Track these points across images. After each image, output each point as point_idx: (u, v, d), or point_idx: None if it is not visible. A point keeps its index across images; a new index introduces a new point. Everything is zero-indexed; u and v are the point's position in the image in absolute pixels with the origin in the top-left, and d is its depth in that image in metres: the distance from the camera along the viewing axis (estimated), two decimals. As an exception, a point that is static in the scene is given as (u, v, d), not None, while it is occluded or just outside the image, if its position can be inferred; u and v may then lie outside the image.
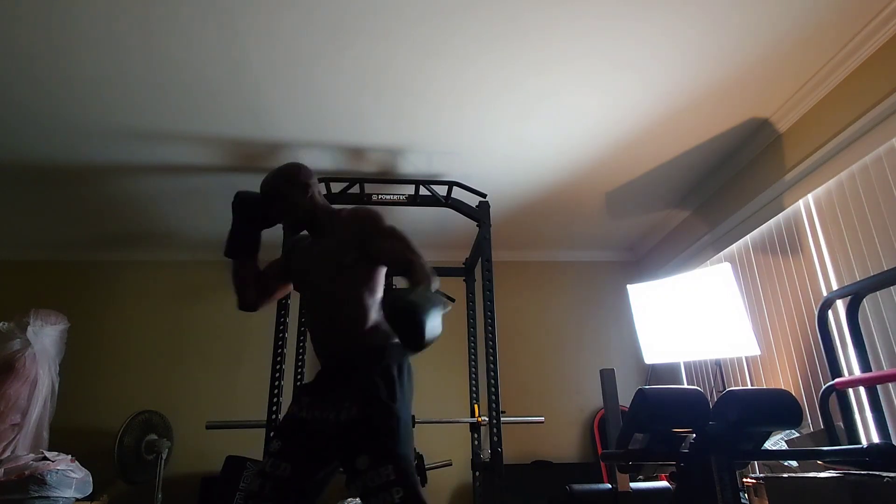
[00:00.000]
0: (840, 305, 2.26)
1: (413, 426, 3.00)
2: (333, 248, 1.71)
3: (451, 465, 3.31)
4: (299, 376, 2.93)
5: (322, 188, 2.95)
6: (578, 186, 3.35)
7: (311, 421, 1.58)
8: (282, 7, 1.96)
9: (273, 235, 2.07)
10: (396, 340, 1.65)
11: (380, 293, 1.71)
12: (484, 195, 3.01)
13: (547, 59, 2.25)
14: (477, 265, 3.29)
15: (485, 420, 2.93)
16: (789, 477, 1.77)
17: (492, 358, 2.77)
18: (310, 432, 1.56)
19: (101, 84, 2.34)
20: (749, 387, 2.95)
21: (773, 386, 2.77)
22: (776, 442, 2.29)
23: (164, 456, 3.23)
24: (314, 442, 1.55)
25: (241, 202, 1.78)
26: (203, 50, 2.16)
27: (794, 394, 2.04)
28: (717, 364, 2.98)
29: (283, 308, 2.82)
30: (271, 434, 1.61)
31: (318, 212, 1.79)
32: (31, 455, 2.77)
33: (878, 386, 1.95)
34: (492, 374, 2.74)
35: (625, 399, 2.27)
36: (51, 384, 3.22)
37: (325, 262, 1.71)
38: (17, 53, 2.15)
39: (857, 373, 2.05)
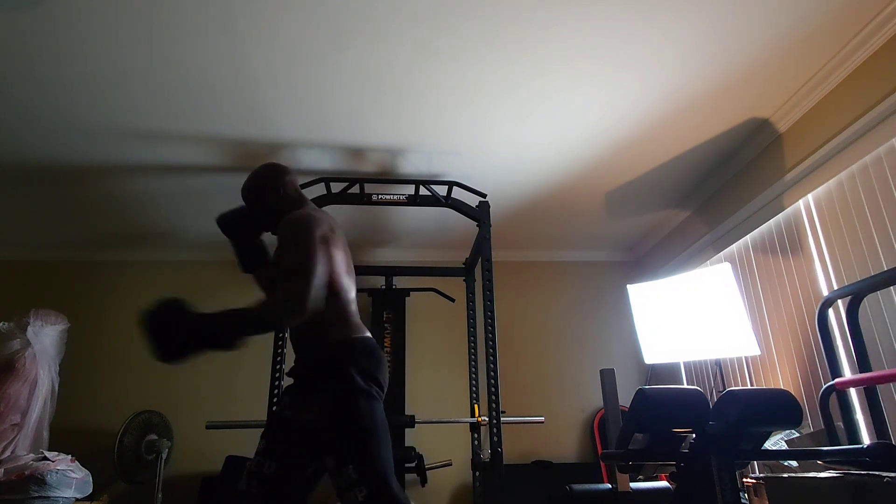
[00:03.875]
0: (840, 305, 2.26)
1: (413, 426, 3.03)
2: (275, 251, 1.73)
3: (451, 465, 3.32)
4: (299, 376, 2.93)
5: (320, 187, 2.95)
6: (578, 186, 3.35)
7: (291, 420, 1.60)
8: (282, 7, 1.96)
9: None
10: (358, 335, 1.65)
11: (343, 289, 1.69)
12: (484, 195, 3.01)
13: (547, 58, 2.25)
14: (477, 265, 3.30)
15: (485, 420, 2.94)
16: (789, 477, 1.77)
17: (492, 358, 2.77)
18: (290, 431, 1.59)
19: (101, 84, 2.34)
20: (749, 387, 2.95)
21: (773, 386, 2.77)
22: (776, 442, 2.29)
23: (164, 456, 3.23)
24: (295, 440, 1.58)
25: (222, 224, 1.86)
26: (203, 50, 2.16)
27: (794, 394, 2.04)
28: (717, 364, 2.98)
29: (283, 308, 2.82)
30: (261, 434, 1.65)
31: (282, 213, 1.79)
32: (31, 455, 2.77)
33: (877, 386, 1.95)
34: (492, 374, 2.74)
35: (625, 399, 2.27)
36: (51, 384, 3.22)
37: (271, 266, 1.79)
38: (17, 53, 2.15)
39: (858, 373, 2.05)
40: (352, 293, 1.73)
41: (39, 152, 2.84)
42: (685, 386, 2.44)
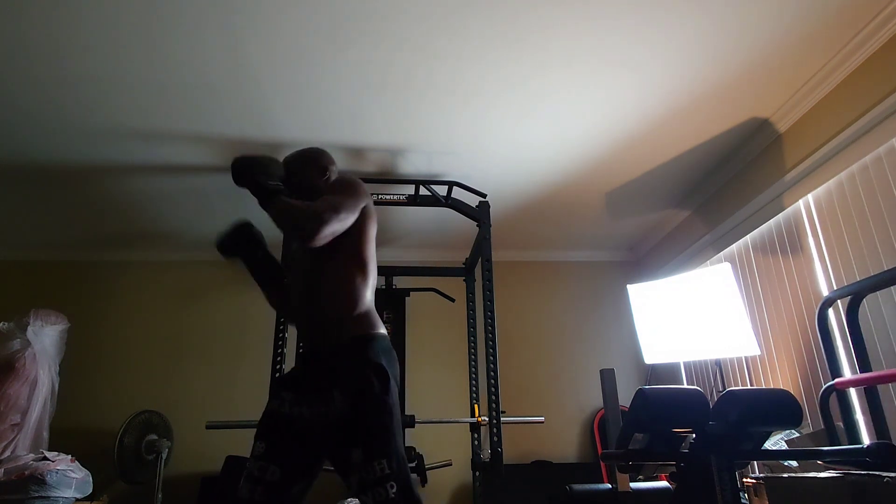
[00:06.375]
0: (840, 305, 2.26)
1: (413, 426, 3.03)
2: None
3: (451, 465, 3.31)
4: (299, 376, 2.93)
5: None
6: (578, 186, 3.35)
7: (296, 417, 1.52)
8: (282, 7, 1.96)
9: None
10: (382, 331, 1.62)
11: (371, 273, 1.67)
12: (484, 195, 3.01)
13: (547, 59, 2.25)
14: (477, 265, 3.29)
15: (485, 420, 2.93)
16: (789, 477, 1.77)
17: (492, 358, 2.77)
18: (296, 429, 1.51)
19: (102, 84, 2.34)
20: (749, 387, 2.95)
21: (773, 386, 2.77)
22: (776, 442, 2.29)
23: (164, 456, 3.23)
24: (302, 439, 1.51)
25: (223, 247, 1.70)
26: (203, 50, 2.16)
27: (794, 394, 2.04)
28: (717, 364, 2.98)
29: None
30: (255, 434, 1.55)
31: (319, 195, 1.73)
32: (31, 455, 2.77)
33: (877, 386, 1.95)
34: (492, 374, 2.74)
35: (625, 399, 2.27)
36: (51, 384, 3.21)
37: None
38: (17, 53, 2.15)
39: (858, 373, 2.05)
40: (374, 282, 1.70)
41: (39, 152, 2.84)
42: (685, 386, 2.44)
